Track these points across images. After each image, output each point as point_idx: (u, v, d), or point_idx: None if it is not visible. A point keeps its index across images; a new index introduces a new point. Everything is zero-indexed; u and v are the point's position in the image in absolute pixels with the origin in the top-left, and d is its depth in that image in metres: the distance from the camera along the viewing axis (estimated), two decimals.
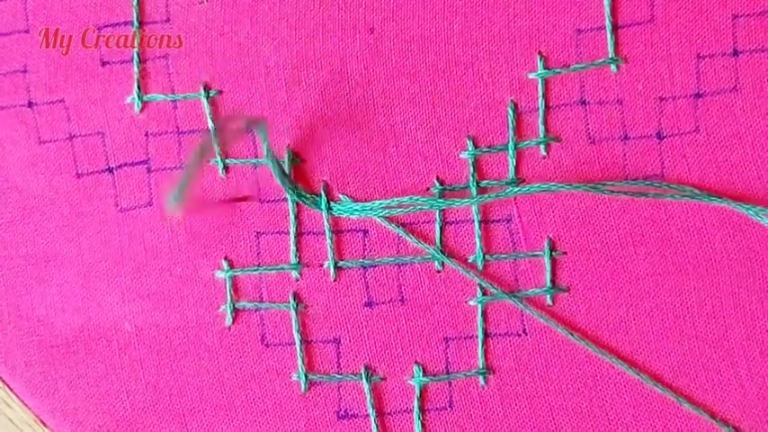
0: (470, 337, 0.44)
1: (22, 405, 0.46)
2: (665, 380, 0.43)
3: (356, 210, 0.43)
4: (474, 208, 0.43)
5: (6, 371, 0.46)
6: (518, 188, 0.42)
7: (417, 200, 0.43)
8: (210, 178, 0.44)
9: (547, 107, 0.43)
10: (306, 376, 0.44)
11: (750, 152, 0.42)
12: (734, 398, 0.43)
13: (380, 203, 0.43)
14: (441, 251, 0.44)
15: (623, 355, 0.43)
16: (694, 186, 0.43)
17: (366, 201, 0.44)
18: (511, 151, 0.43)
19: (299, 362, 0.44)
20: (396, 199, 0.43)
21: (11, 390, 0.46)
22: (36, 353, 0.45)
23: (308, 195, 0.43)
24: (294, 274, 0.44)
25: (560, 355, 0.44)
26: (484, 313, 0.44)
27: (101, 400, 0.45)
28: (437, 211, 0.44)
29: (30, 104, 0.44)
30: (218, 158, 0.44)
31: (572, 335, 0.43)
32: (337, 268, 0.44)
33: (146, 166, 0.44)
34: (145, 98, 0.44)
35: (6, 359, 0.45)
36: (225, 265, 0.44)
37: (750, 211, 0.42)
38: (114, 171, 0.44)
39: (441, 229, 0.44)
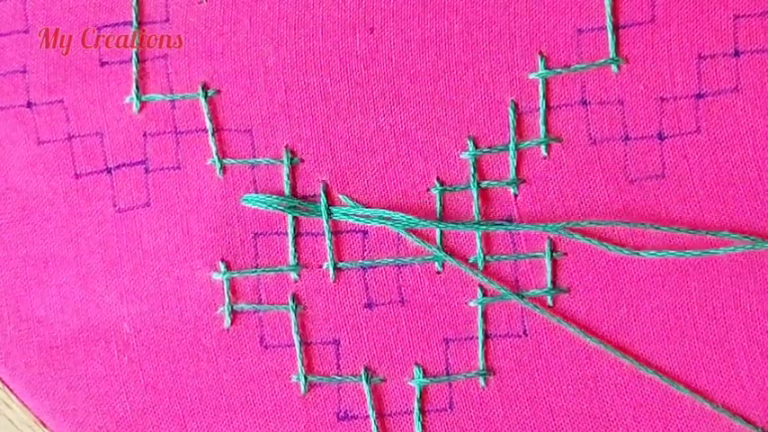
0: (470, 339, 0.44)
1: (22, 406, 0.46)
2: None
3: (357, 217, 0.43)
4: (475, 209, 0.43)
5: (6, 371, 0.46)
6: (515, 225, 0.43)
7: (419, 222, 0.43)
8: (208, 178, 0.44)
9: (547, 107, 0.43)
10: (305, 378, 0.44)
11: (751, 153, 0.42)
12: (735, 399, 0.43)
13: (382, 212, 0.43)
14: (441, 251, 0.44)
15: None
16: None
17: (365, 201, 0.44)
18: (511, 152, 0.43)
19: (299, 363, 0.44)
20: (397, 213, 0.43)
21: (11, 390, 0.46)
22: (36, 354, 0.45)
23: (309, 205, 0.43)
24: (293, 275, 0.44)
25: (561, 356, 0.44)
26: (484, 314, 0.44)
27: (100, 401, 0.45)
28: (438, 213, 0.43)
29: (29, 105, 0.44)
30: (216, 158, 0.44)
31: (583, 333, 0.43)
32: (336, 269, 0.44)
33: (143, 166, 0.44)
34: (143, 98, 0.44)
35: (6, 360, 0.45)
36: (222, 266, 0.44)
37: None
38: (112, 171, 0.44)
39: (441, 229, 0.44)
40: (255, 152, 0.44)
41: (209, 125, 0.44)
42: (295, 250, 0.44)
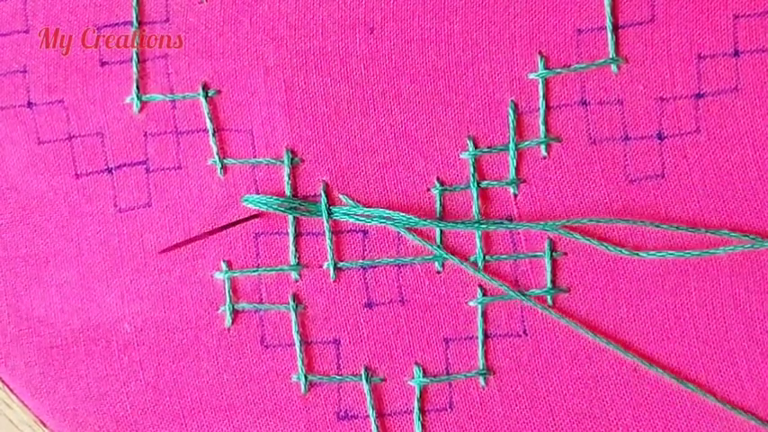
0: (470, 338, 0.44)
1: (22, 406, 0.46)
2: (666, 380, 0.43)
3: (357, 217, 0.43)
4: (475, 208, 0.43)
5: (6, 371, 0.46)
6: (516, 224, 0.43)
7: (419, 221, 0.43)
8: (208, 178, 0.44)
9: (547, 107, 0.43)
10: (306, 377, 0.44)
11: (751, 152, 0.42)
12: (734, 398, 0.43)
13: (382, 212, 0.43)
14: (442, 250, 0.44)
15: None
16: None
17: (365, 201, 0.44)
18: (511, 151, 0.43)
19: (299, 363, 0.44)
20: (398, 213, 0.43)
21: (11, 390, 0.46)
22: (36, 353, 0.45)
23: (309, 205, 0.43)
24: (293, 274, 0.44)
25: (560, 355, 0.44)
26: (484, 314, 0.44)
27: (100, 401, 0.45)
28: (438, 212, 0.43)
29: (29, 105, 0.44)
30: (217, 158, 0.44)
31: (585, 330, 0.43)
32: (337, 269, 0.44)
33: (144, 166, 0.44)
34: (144, 98, 0.44)
35: (6, 359, 0.45)
36: (223, 266, 0.44)
37: None
38: (113, 171, 0.44)
39: (441, 229, 0.44)
40: (256, 152, 0.44)
41: (209, 125, 0.44)
42: (296, 250, 0.44)
